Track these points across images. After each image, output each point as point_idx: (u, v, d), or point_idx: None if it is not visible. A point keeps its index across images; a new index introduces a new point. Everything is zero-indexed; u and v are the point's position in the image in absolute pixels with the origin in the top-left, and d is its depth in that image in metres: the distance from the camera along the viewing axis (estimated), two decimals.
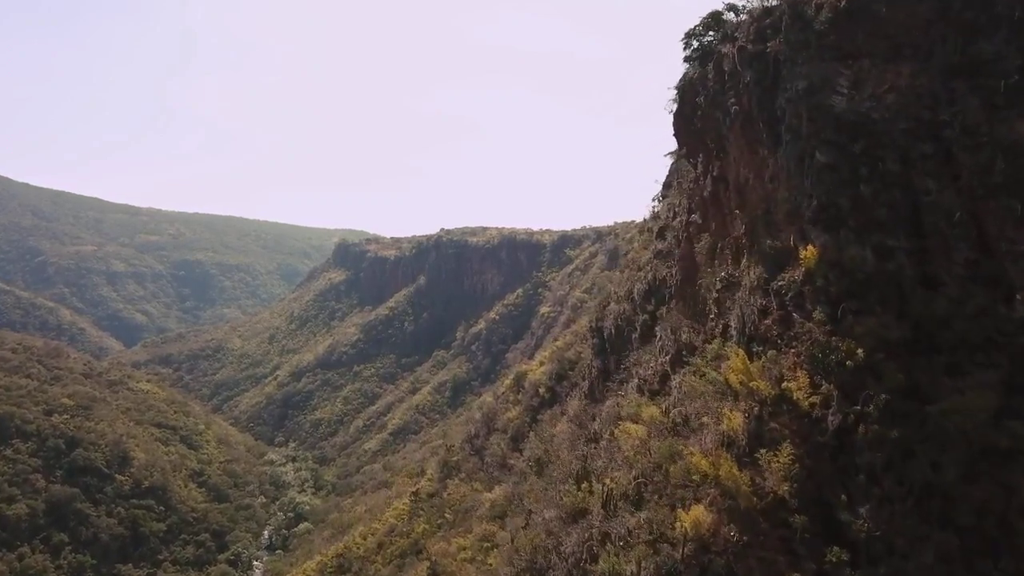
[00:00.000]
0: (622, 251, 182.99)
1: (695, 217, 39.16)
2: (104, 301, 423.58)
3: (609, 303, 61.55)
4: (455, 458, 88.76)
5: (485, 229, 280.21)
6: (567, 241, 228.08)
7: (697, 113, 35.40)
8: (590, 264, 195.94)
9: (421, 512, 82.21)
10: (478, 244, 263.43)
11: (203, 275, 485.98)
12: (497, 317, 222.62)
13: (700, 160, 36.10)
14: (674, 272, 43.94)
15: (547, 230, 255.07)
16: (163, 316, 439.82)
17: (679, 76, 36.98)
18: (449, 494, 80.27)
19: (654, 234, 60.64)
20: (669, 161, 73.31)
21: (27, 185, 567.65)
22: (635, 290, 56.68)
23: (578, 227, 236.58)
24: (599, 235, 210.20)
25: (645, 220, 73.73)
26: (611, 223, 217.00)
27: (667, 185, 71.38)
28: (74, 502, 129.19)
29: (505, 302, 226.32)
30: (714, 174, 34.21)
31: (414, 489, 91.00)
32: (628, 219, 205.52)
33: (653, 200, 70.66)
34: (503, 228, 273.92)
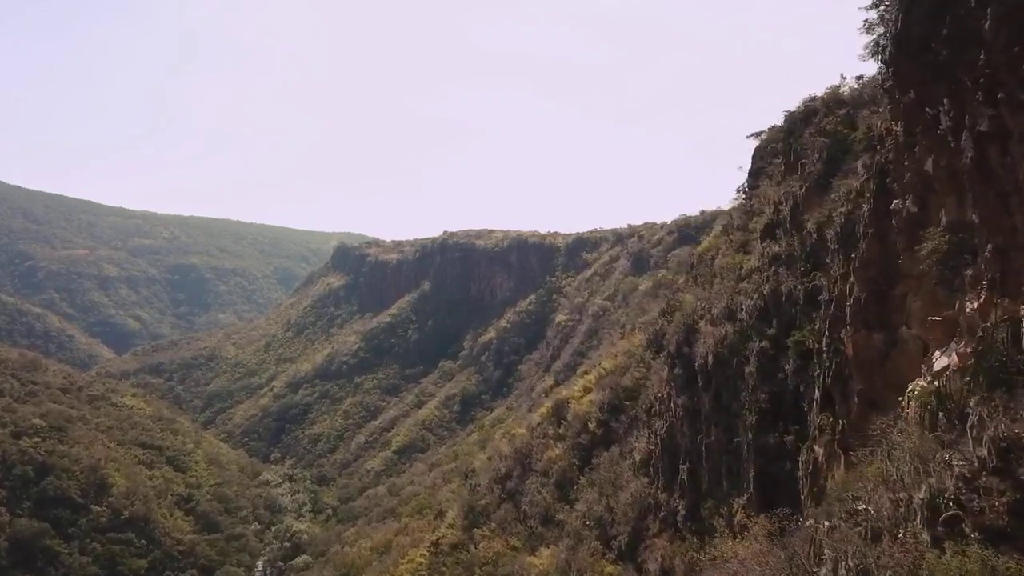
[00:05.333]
0: (647, 255, 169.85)
1: (903, 204, 25.52)
2: (96, 307, 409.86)
3: (698, 323, 47.49)
4: (482, 501, 74.71)
5: (491, 232, 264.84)
6: (582, 244, 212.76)
7: (942, 33, 21.70)
8: (611, 269, 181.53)
9: (444, 569, 68.21)
10: (485, 247, 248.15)
11: (198, 280, 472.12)
12: (508, 325, 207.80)
13: (944, 110, 22.41)
14: (844, 286, 30.11)
15: (556, 232, 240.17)
16: (156, 322, 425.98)
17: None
18: (478, 548, 66.27)
19: (757, 233, 46.68)
20: (752, 143, 60.03)
21: (18, 188, 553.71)
22: (741, 307, 42.68)
23: (591, 229, 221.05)
24: (619, 237, 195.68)
25: (730, 213, 59.79)
26: (625, 225, 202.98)
27: (754, 173, 57.66)
28: (43, 538, 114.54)
29: (516, 309, 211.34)
30: (982, 129, 20.64)
31: (434, 538, 76.96)
32: (650, 220, 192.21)
33: (738, 191, 57.09)
34: (510, 230, 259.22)
